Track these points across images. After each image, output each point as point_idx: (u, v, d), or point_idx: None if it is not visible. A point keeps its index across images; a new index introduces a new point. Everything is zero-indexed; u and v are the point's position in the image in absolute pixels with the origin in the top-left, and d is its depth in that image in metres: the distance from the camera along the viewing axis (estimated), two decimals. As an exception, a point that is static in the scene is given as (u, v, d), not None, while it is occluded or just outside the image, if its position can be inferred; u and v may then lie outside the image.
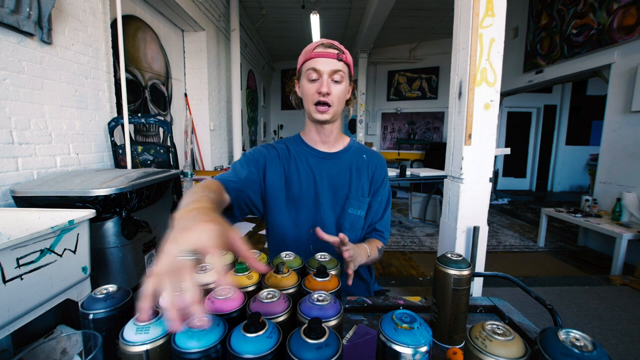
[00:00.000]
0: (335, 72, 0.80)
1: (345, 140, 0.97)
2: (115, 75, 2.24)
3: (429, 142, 7.52)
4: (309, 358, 0.34)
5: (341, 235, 0.69)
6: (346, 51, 0.84)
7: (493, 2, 1.67)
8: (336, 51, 0.81)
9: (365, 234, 0.96)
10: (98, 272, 1.41)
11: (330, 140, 0.92)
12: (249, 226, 4.13)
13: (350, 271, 0.72)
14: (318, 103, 0.82)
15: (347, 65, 0.83)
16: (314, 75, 0.81)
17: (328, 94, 0.80)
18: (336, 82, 0.81)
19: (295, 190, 0.89)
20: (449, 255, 0.58)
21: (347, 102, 0.91)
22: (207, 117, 4.10)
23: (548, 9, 4.19)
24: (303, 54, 0.85)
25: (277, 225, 0.90)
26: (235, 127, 4.61)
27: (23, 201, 1.38)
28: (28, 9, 1.51)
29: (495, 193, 6.08)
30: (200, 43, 3.94)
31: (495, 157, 2.63)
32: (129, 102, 2.41)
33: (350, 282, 0.72)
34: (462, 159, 1.79)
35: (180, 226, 0.41)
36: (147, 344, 0.39)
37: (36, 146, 1.64)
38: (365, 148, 0.99)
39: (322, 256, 0.66)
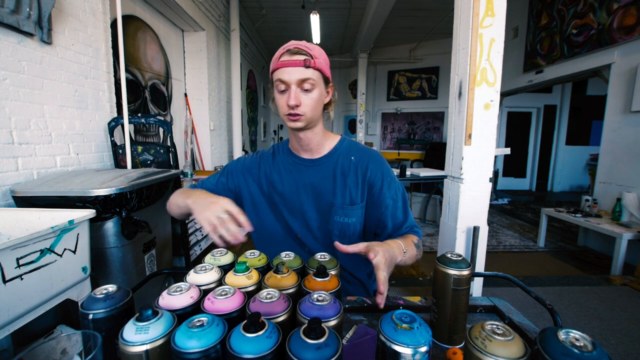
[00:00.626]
0: (304, 81, 0.75)
1: (333, 142, 0.90)
2: (115, 75, 2.24)
3: (429, 142, 7.52)
4: (308, 358, 0.34)
5: (361, 245, 0.64)
6: (317, 54, 0.77)
7: (493, 2, 1.67)
8: (303, 57, 0.74)
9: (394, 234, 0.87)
10: (98, 272, 1.41)
11: (312, 147, 0.88)
12: (249, 226, 4.12)
13: (382, 285, 0.56)
14: (289, 114, 0.78)
15: (319, 70, 0.77)
16: (282, 87, 0.76)
17: (297, 105, 0.76)
18: (306, 90, 0.76)
19: (278, 198, 0.89)
20: (449, 255, 0.58)
21: (327, 106, 0.86)
22: (207, 117, 4.10)
23: (548, 9, 4.19)
24: (272, 62, 0.79)
25: (265, 230, 0.91)
26: (235, 127, 4.61)
27: (23, 201, 1.38)
28: (28, 9, 1.50)
29: (495, 193, 6.08)
30: (200, 43, 3.94)
31: (495, 157, 2.63)
32: (129, 102, 2.41)
33: (382, 303, 0.57)
34: (462, 159, 1.79)
35: (209, 199, 0.69)
36: (146, 344, 0.39)
37: (36, 146, 1.64)
38: (356, 147, 0.91)
39: (321, 256, 0.66)
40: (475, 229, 1.80)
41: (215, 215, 0.63)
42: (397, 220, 0.86)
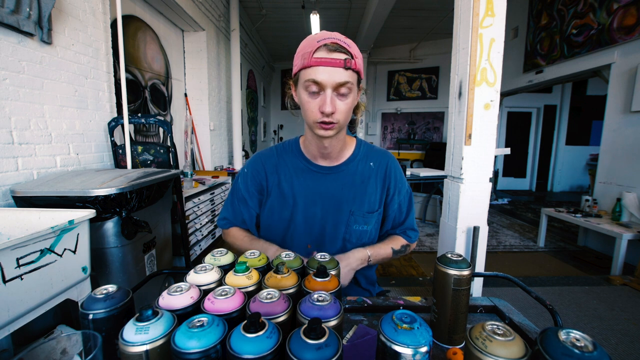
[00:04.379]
0: (342, 85, 0.64)
1: (351, 147, 0.84)
2: (115, 75, 2.24)
3: (429, 142, 7.52)
4: (308, 358, 0.34)
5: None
6: (356, 53, 0.66)
7: (493, 2, 1.67)
8: (344, 57, 0.63)
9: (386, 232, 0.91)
10: (98, 272, 1.41)
11: (333, 155, 0.81)
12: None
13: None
14: (322, 122, 0.68)
15: (357, 72, 0.67)
16: (315, 88, 0.65)
17: (333, 113, 0.66)
18: (342, 95, 0.66)
19: (289, 206, 0.83)
20: (449, 255, 0.58)
21: (355, 110, 0.77)
22: (207, 117, 4.10)
23: (548, 9, 4.19)
24: (301, 56, 0.66)
25: (272, 240, 0.86)
26: (235, 127, 4.61)
27: (23, 201, 1.38)
28: (28, 9, 1.50)
29: (495, 193, 6.08)
30: (200, 43, 3.94)
31: (495, 157, 2.63)
32: (129, 102, 2.41)
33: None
34: (462, 159, 1.79)
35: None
36: (146, 344, 0.39)
37: (36, 146, 1.64)
38: (374, 152, 0.86)
39: (322, 256, 0.66)
40: (475, 229, 1.80)
41: None
42: (396, 222, 0.89)
